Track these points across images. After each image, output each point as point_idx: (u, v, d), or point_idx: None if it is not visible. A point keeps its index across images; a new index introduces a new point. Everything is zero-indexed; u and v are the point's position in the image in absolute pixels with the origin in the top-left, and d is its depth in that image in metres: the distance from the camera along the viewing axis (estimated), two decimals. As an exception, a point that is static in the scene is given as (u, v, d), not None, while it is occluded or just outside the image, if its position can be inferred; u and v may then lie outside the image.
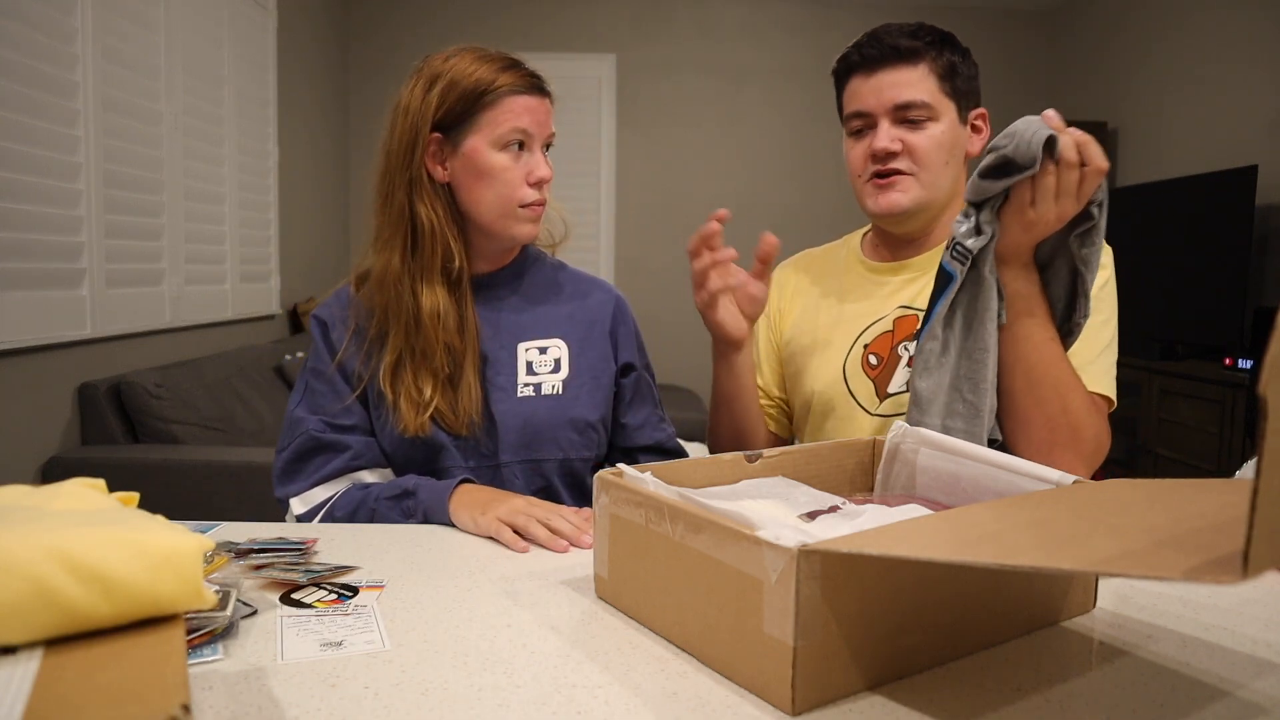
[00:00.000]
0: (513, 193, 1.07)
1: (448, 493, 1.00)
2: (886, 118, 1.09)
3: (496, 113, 1.05)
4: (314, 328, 1.14)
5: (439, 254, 1.08)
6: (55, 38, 2.15)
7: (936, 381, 1.00)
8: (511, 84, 1.06)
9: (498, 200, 1.08)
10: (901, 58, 1.08)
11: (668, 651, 0.64)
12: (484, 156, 1.06)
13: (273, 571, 0.79)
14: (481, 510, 0.96)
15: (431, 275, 1.08)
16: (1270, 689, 0.59)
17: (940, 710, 0.55)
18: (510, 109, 1.06)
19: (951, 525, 0.57)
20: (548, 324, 1.16)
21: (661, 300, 4.65)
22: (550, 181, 1.11)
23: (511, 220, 1.09)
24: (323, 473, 1.08)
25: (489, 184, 1.07)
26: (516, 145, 1.07)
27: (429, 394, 1.07)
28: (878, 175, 1.11)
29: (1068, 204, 0.91)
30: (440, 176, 1.08)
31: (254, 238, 3.42)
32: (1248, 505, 0.36)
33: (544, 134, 1.10)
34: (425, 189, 1.07)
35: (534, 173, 1.08)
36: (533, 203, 1.09)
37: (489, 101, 1.05)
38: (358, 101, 4.69)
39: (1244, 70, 3.54)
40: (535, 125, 1.08)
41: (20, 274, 2.04)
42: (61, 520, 0.57)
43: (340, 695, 0.57)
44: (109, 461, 2.19)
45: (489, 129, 1.06)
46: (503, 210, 1.08)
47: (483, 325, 1.13)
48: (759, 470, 0.83)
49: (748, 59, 4.79)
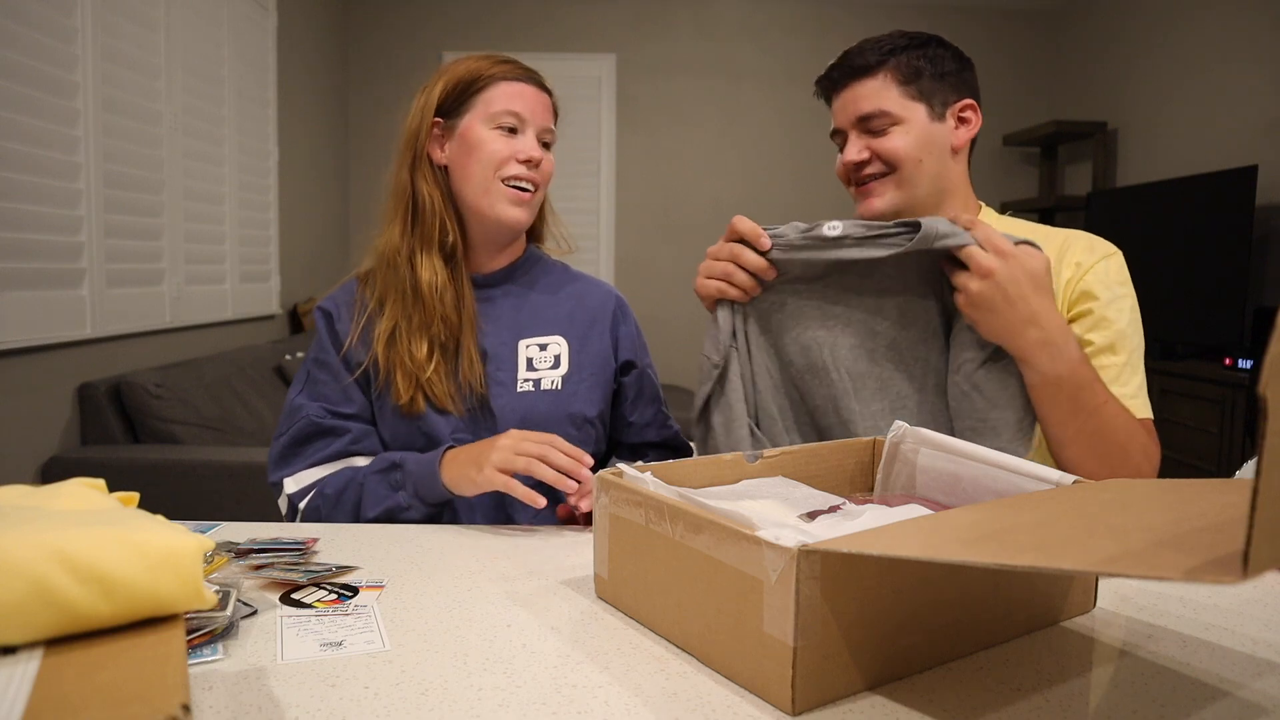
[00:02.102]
0: (497, 165, 1.10)
1: (436, 461, 1.01)
2: (853, 130, 1.14)
3: (490, 94, 1.11)
4: (318, 319, 1.16)
5: (437, 228, 1.11)
6: (55, 38, 2.15)
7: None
8: (505, 72, 1.12)
9: (481, 173, 1.10)
10: (859, 73, 1.13)
11: (668, 651, 0.64)
12: (475, 132, 1.11)
13: (273, 571, 0.79)
14: (476, 468, 0.97)
15: (430, 248, 1.11)
16: (1270, 689, 0.59)
17: (940, 710, 0.55)
18: (503, 92, 1.11)
19: (951, 525, 0.57)
20: (548, 321, 1.18)
21: (661, 300, 4.65)
22: (544, 167, 1.13)
23: (494, 197, 1.10)
24: (320, 455, 1.09)
25: (476, 158, 1.10)
26: (509, 129, 1.11)
27: (421, 360, 1.09)
28: (858, 184, 1.16)
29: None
30: (439, 159, 1.13)
31: (254, 238, 3.42)
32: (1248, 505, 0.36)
33: (538, 122, 1.13)
34: (425, 168, 1.12)
35: (522, 151, 1.10)
36: (515, 178, 1.10)
37: (482, 85, 1.11)
38: (358, 101, 4.69)
39: (1244, 70, 3.54)
40: (528, 111, 1.11)
41: (20, 274, 2.04)
42: (61, 520, 0.57)
43: (340, 695, 0.57)
44: (109, 461, 2.19)
45: (482, 109, 1.11)
46: (485, 185, 1.10)
47: (484, 321, 1.15)
48: (759, 470, 0.83)
49: (747, 59, 4.79)
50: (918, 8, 4.74)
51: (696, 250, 4.64)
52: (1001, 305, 0.92)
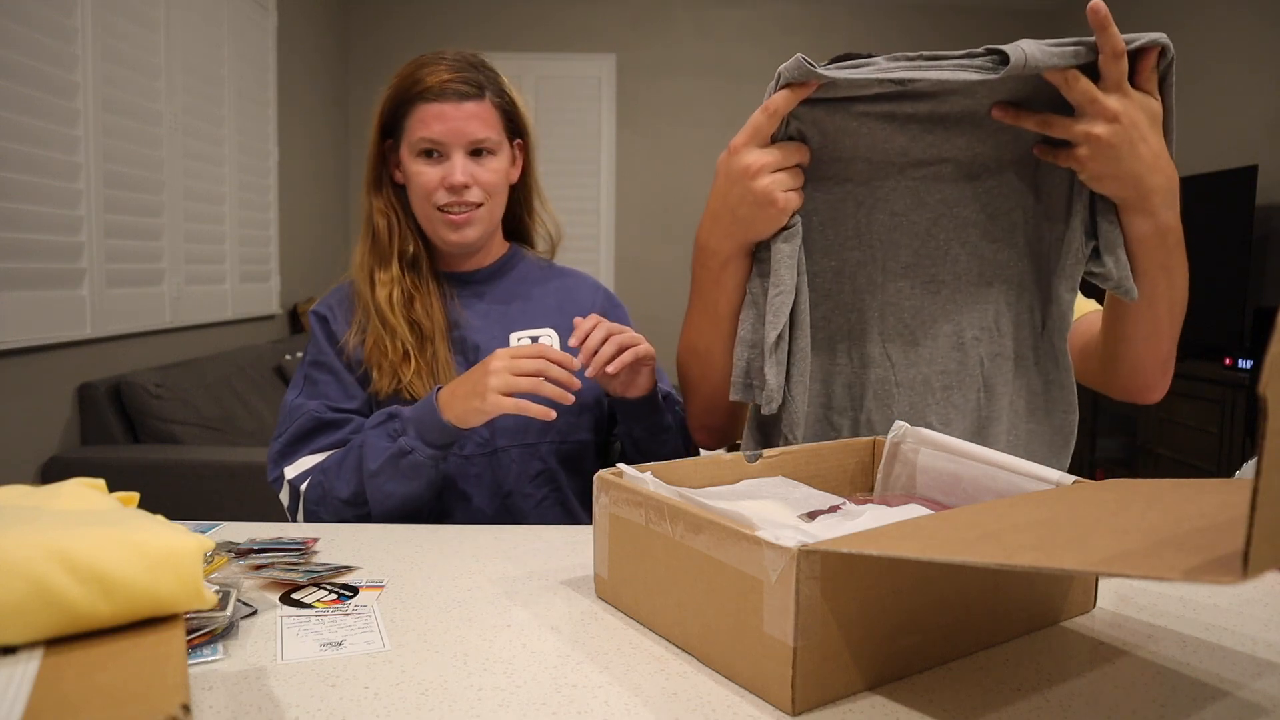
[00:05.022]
0: (428, 196, 1.11)
1: (432, 402, 1.01)
2: None
3: (411, 120, 1.11)
4: (313, 323, 1.17)
5: (395, 246, 1.14)
6: (55, 38, 2.15)
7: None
8: (422, 92, 1.09)
9: (419, 204, 1.13)
10: None
11: (668, 651, 0.64)
12: (406, 162, 1.13)
13: (273, 571, 0.79)
14: (479, 397, 0.96)
15: (388, 263, 1.13)
16: (1270, 689, 0.59)
17: (940, 710, 0.55)
18: (420, 118, 1.09)
19: (951, 525, 0.57)
20: (537, 314, 1.19)
21: (661, 300, 4.65)
22: (485, 181, 1.12)
23: (435, 224, 1.13)
24: (322, 444, 1.09)
25: (411, 189, 1.13)
26: (431, 153, 1.11)
27: (395, 361, 1.10)
28: None
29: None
30: (398, 179, 1.15)
31: (254, 238, 3.42)
32: (1248, 505, 0.36)
33: (460, 140, 1.10)
34: (383, 189, 1.15)
35: (447, 177, 1.10)
36: (447, 206, 1.11)
37: (405, 110, 1.11)
38: (358, 101, 4.69)
39: (1244, 70, 3.54)
40: (446, 133, 1.09)
41: (20, 274, 2.04)
42: (61, 520, 0.57)
43: (340, 695, 0.57)
44: (109, 461, 2.19)
45: (408, 136, 1.11)
46: (425, 214, 1.13)
47: (471, 317, 1.16)
48: (759, 470, 0.83)
49: (747, 59, 4.79)
50: (918, 8, 4.74)
51: (696, 250, 4.43)
52: (1127, 152, 0.79)
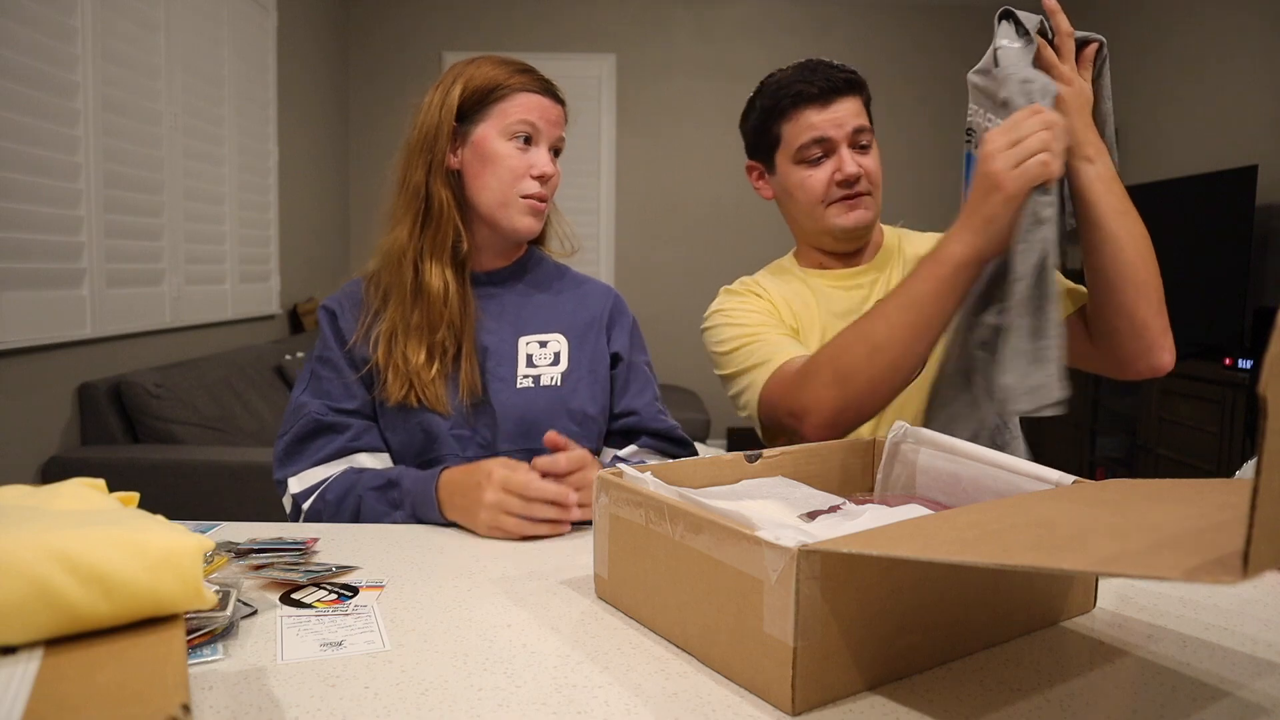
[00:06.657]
0: (515, 181, 1.11)
1: (433, 485, 1.00)
2: (845, 144, 1.18)
3: (507, 105, 1.11)
4: (322, 317, 1.17)
5: (449, 233, 1.12)
6: (55, 38, 2.15)
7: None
8: (524, 83, 1.12)
9: (500, 187, 1.12)
10: (849, 89, 1.19)
11: (668, 651, 0.64)
12: (491, 144, 1.11)
13: (273, 571, 0.79)
14: (471, 517, 0.96)
15: (441, 254, 1.12)
16: (1270, 689, 0.59)
17: (940, 710, 0.55)
18: (520, 103, 1.11)
19: (951, 525, 0.57)
20: (548, 319, 1.19)
21: (661, 300, 4.65)
22: (553, 180, 1.14)
23: (512, 210, 1.12)
24: (323, 453, 1.10)
25: (493, 170, 1.11)
26: (523, 138, 1.12)
27: (418, 365, 1.09)
28: (846, 196, 1.20)
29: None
30: (452, 164, 1.13)
31: (254, 238, 3.42)
32: (1248, 505, 0.36)
33: (552, 134, 1.14)
34: (442, 172, 1.12)
35: (536, 166, 1.12)
36: (533, 195, 1.12)
37: (501, 95, 1.11)
38: (358, 101, 4.69)
39: (1244, 70, 3.54)
40: (543, 122, 1.12)
41: (20, 274, 2.04)
42: (61, 520, 0.58)
43: (340, 695, 0.57)
44: (109, 461, 2.19)
45: (499, 119, 1.11)
46: (503, 198, 1.12)
47: (486, 318, 1.16)
48: (759, 470, 0.83)
49: (747, 59, 4.78)
50: (918, 8, 4.74)
51: (697, 250, 4.69)
52: (1079, 109, 1.00)
